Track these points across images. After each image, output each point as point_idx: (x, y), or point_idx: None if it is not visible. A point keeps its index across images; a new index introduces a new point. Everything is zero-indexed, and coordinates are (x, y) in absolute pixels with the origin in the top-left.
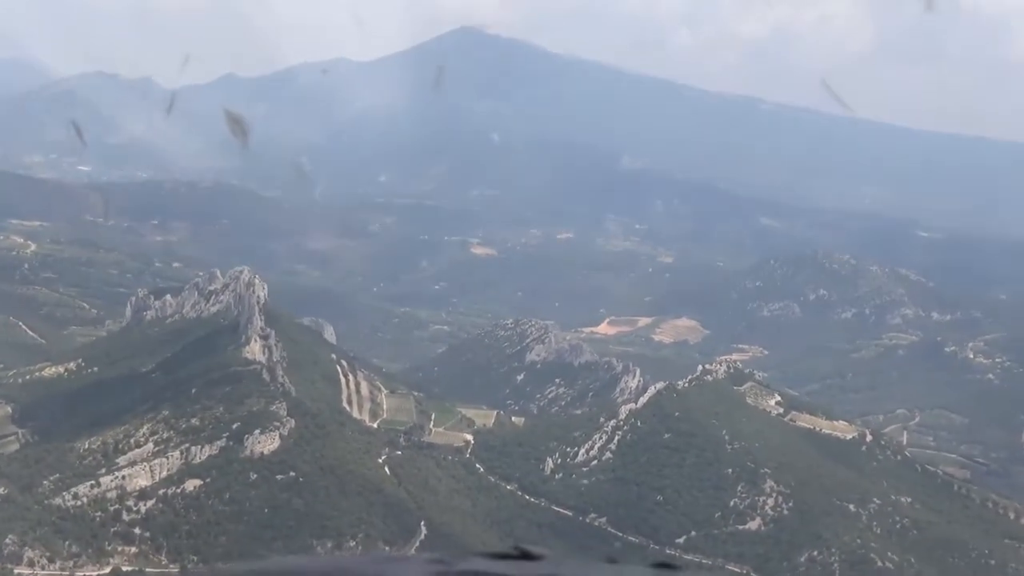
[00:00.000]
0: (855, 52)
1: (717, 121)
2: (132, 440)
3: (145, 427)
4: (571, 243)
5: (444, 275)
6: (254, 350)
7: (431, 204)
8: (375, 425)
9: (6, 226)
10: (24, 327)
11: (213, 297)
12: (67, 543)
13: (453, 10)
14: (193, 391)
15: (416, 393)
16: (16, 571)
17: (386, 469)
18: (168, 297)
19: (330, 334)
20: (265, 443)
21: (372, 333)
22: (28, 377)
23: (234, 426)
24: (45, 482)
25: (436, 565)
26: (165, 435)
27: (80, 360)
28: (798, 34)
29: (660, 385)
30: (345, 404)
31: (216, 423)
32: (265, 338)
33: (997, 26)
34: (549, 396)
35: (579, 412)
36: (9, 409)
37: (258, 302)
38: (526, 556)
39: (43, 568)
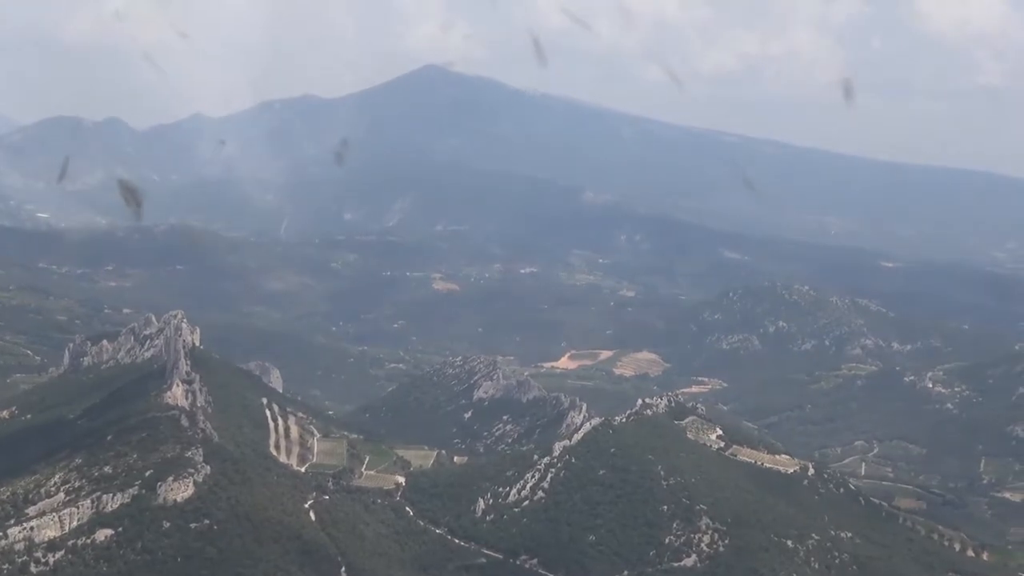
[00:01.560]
0: (822, 84)
1: (682, 154)
2: (43, 490)
3: (57, 476)
4: (535, 277)
5: (405, 312)
6: (176, 395)
7: (394, 240)
8: (303, 469)
9: None
10: None
11: (148, 342)
12: None
13: (419, 48)
14: (108, 438)
15: (352, 436)
16: None
17: (311, 514)
18: (105, 343)
19: (276, 377)
20: (179, 490)
21: (326, 374)
22: None
23: (147, 473)
24: None
25: None
26: (77, 484)
27: (14, 408)
28: (765, 67)
29: (596, 421)
30: (272, 449)
31: (129, 470)
32: (189, 383)
33: (959, 56)
34: (496, 433)
35: (518, 450)
36: None
37: (184, 346)
38: None
39: None
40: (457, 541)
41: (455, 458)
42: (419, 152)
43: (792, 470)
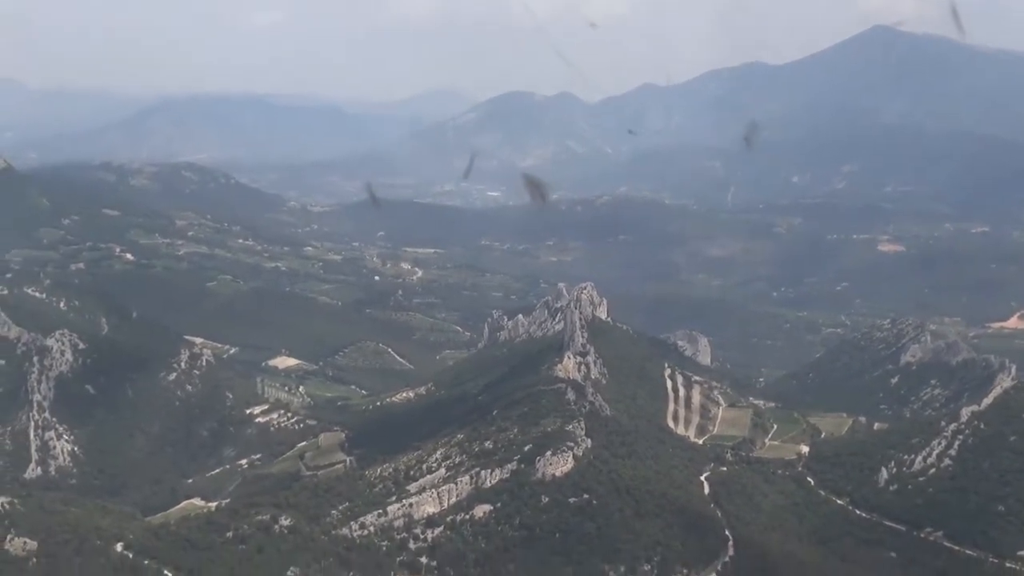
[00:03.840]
0: None
1: None
2: (424, 466)
3: (439, 451)
4: (985, 237)
5: (848, 275)
6: (567, 368)
7: (838, 203)
8: (700, 441)
9: (398, 254)
10: (393, 353)
11: (559, 314)
12: (351, 574)
13: (868, 10)
14: (494, 412)
15: (764, 404)
16: None
17: (705, 487)
18: (520, 317)
19: (704, 346)
20: (557, 465)
21: (760, 341)
22: (377, 403)
23: (526, 448)
24: (333, 511)
25: None
26: (457, 459)
27: (431, 384)
28: None
29: (1008, 384)
30: (669, 420)
31: (509, 445)
32: (583, 355)
33: None
34: (924, 398)
35: (927, 415)
36: (343, 436)
37: (583, 318)
38: None
39: None
40: (859, 512)
41: (875, 425)
42: (867, 114)
43: None
